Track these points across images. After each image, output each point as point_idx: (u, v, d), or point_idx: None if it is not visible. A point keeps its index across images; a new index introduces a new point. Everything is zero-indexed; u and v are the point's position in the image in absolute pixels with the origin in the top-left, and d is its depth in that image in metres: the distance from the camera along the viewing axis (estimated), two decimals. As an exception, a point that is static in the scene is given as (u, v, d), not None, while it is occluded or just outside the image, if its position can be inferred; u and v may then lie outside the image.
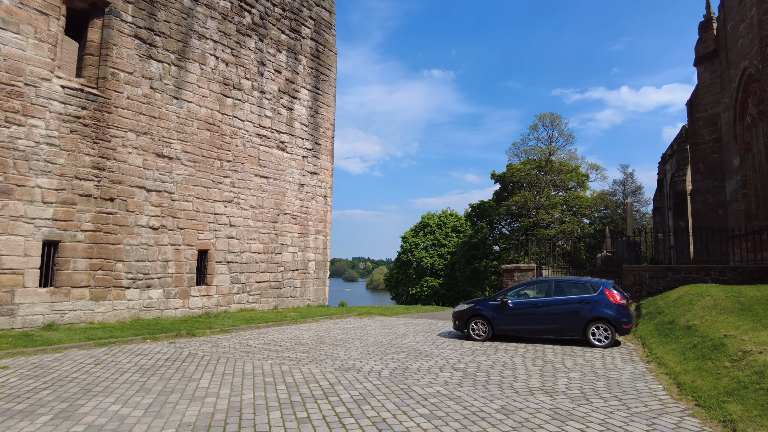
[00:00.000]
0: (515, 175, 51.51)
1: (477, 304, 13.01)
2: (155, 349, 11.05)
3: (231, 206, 18.23)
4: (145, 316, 15.36)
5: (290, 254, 20.76)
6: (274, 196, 20.04)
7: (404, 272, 65.58)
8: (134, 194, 15.15)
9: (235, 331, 14.47)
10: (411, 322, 17.22)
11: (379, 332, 14.24)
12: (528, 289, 12.95)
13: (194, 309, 16.81)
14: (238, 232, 18.44)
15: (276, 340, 12.61)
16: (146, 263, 15.39)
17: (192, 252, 16.76)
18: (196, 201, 17.00)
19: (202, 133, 17.31)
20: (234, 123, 18.49)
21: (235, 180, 18.42)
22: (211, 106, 17.63)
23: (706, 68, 22.68)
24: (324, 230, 22.69)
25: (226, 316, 17.02)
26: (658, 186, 34.71)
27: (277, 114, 20.34)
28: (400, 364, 9.45)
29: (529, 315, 12.30)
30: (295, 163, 21.17)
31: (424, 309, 23.01)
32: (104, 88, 14.43)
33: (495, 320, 12.58)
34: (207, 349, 11.13)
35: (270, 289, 19.78)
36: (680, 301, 12.88)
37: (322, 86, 22.82)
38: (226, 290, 17.95)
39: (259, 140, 19.50)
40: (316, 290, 22.18)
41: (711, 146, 22.32)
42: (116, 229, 14.63)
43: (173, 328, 13.98)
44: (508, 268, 17.56)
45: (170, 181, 16.20)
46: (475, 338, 12.71)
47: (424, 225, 67.55)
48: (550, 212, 49.49)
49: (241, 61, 18.85)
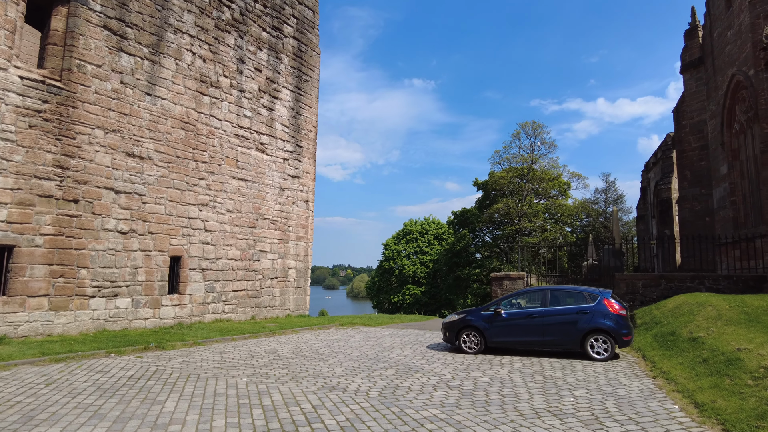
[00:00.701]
0: (498, 182, 51.32)
1: (468, 315, 12.28)
2: (119, 365, 10.02)
3: (206, 210, 17.23)
4: (112, 327, 14.22)
5: (269, 261, 19.78)
6: (252, 200, 19.08)
7: (386, 280, 64.73)
8: (101, 196, 14.06)
9: (208, 343, 13.46)
10: (397, 333, 16.41)
11: (363, 345, 13.40)
12: (522, 299, 12.29)
13: (165, 319, 15.71)
14: (213, 237, 17.42)
15: (253, 354, 11.66)
16: (113, 270, 14.28)
17: (164, 258, 15.69)
18: (169, 204, 15.96)
19: (177, 132, 16.31)
20: (211, 122, 17.52)
21: (211, 182, 17.43)
22: (186, 104, 16.65)
23: (692, 75, 22.59)
24: (305, 236, 21.77)
25: (200, 327, 15.96)
26: (642, 194, 34.72)
27: (257, 114, 19.44)
28: (389, 382, 8.64)
29: (523, 326, 11.62)
30: (276, 166, 20.26)
31: (408, 318, 22.22)
32: (69, 81, 13.37)
33: (488, 332, 11.86)
34: (176, 365, 10.14)
35: (247, 298, 18.76)
36: (678, 311, 12.38)
37: (305, 87, 22.00)
38: (200, 299, 16.88)
39: (238, 141, 18.55)
40: (297, 299, 21.20)
41: (698, 153, 22.17)
42: (80, 233, 13.51)
43: (141, 340, 12.92)
44: (497, 277, 16.92)
45: (141, 182, 15.15)
46: (467, 351, 11.97)
47: (407, 232, 66.91)
48: (533, 220, 49.34)
49: (220, 58, 17.93)
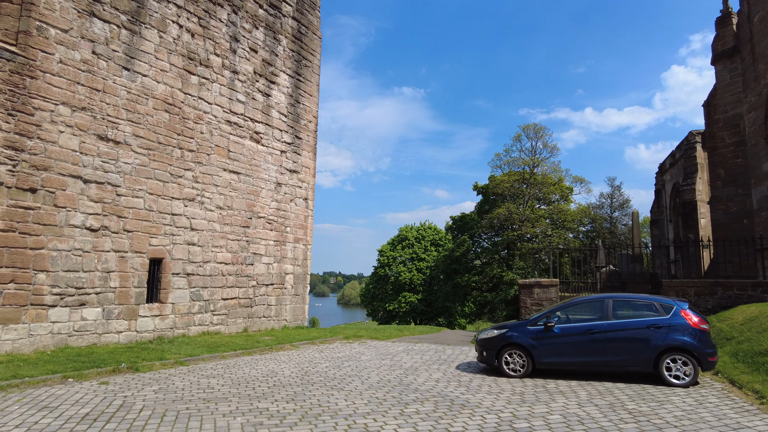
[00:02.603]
0: (499, 186, 49.46)
1: (510, 330, 10.17)
2: (74, 396, 7.75)
3: (193, 206, 14.97)
4: (76, 342, 11.88)
5: (264, 266, 17.52)
6: (245, 196, 16.85)
7: (381, 287, 62.47)
8: (66, 185, 11.77)
9: (193, 362, 11.19)
10: (412, 348, 14.25)
11: (379, 364, 11.22)
12: (574, 311, 10.21)
13: (143, 332, 13.39)
14: (200, 237, 15.15)
15: (247, 378, 9.44)
16: (80, 275, 11.97)
17: (142, 261, 13.40)
18: (149, 197, 13.69)
19: (160, 114, 14.08)
20: (199, 106, 15.32)
21: (198, 174, 15.18)
22: (171, 83, 14.44)
23: (725, 66, 20.86)
24: (304, 238, 19.55)
25: (184, 341, 13.66)
26: (656, 197, 33.02)
27: (252, 99, 17.26)
28: (434, 425, 6.48)
29: (580, 344, 9.54)
30: (272, 159, 18.06)
31: (418, 330, 20.06)
32: (27, 46, 11.12)
33: (536, 350, 9.76)
34: (150, 395, 7.90)
35: (239, 307, 16.47)
36: (757, 325, 10.38)
37: (304, 73, 19.89)
38: (184, 309, 14.58)
39: (230, 128, 16.34)
40: (294, 309, 18.94)
41: (732, 150, 20.40)
42: (38, 229, 11.21)
43: (111, 359, 10.62)
44: (527, 284, 14.90)
45: (116, 171, 12.88)
46: (510, 374, 9.85)
47: (402, 238, 64.84)
48: (536, 225, 47.49)
49: (211, 34, 15.76)
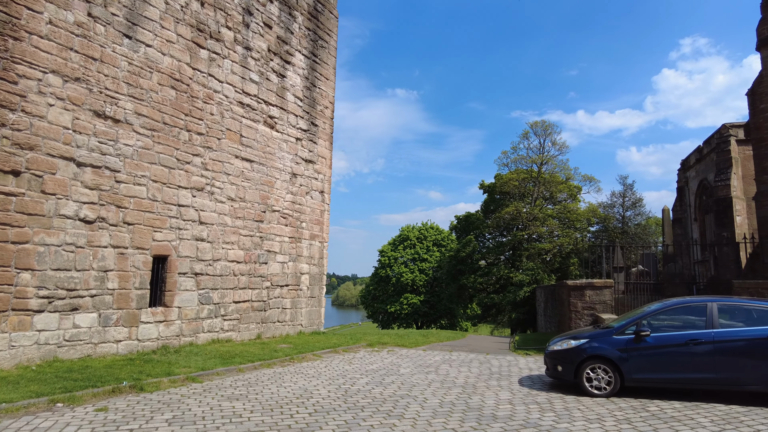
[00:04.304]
0: (508, 184, 47.91)
1: (593, 340, 8.51)
2: (64, 429, 5.99)
3: (202, 196, 13.20)
4: (67, 354, 10.08)
5: (278, 265, 15.76)
6: (259, 187, 15.09)
7: (382, 288, 60.79)
8: (56, 168, 9.98)
9: (207, 377, 9.44)
10: (449, 358, 12.57)
11: (427, 380, 9.53)
12: (668, 317, 8.57)
13: (146, 341, 11.60)
14: (210, 232, 13.39)
15: (279, 401, 7.71)
16: (72, 274, 10.17)
17: (144, 259, 11.62)
18: (153, 186, 11.92)
19: (165, 91, 12.30)
20: (209, 83, 13.55)
21: (208, 161, 13.42)
22: (178, 56, 12.68)
23: (773, 52, 19.41)
24: (321, 235, 17.80)
25: (192, 350, 11.88)
26: (678, 195, 31.58)
27: (266, 80, 15.51)
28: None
29: (682, 357, 7.91)
30: (287, 147, 16.31)
31: (444, 336, 18.38)
32: (9, 1, 9.32)
33: (625, 365, 8.12)
34: (163, 429, 6.15)
35: (252, 311, 14.70)
36: None
37: (321, 54, 18.16)
38: (192, 313, 12.80)
39: (242, 111, 14.59)
40: (310, 312, 17.18)
41: (782, 142, 18.94)
42: (22, 219, 9.41)
43: (109, 375, 8.85)
44: (578, 285, 13.27)
45: (115, 153, 11.10)
46: (594, 392, 8.19)
47: (404, 238, 63.26)
48: (546, 224, 45.99)
49: (222, 4, 14.00)
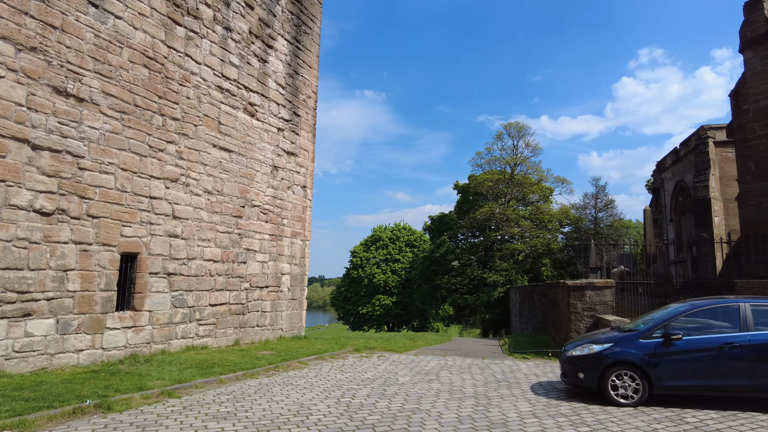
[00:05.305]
0: (482, 185, 47.79)
1: (617, 345, 7.83)
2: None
3: (176, 188, 11.94)
4: (18, 368, 8.70)
5: (258, 264, 14.58)
6: (238, 179, 13.90)
7: (354, 289, 59.79)
8: (6, 150, 8.60)
9: (185, 392, 8.28)
10: (445, 363, 11.77)
11: (431, 390, 8.66)
12: (697, 319, 7.98)
13: (112, 350, 10.27)
14: (185, 228, 12.13)
15: (274, 420, 6.67)
16: (25, 274, 8.81)
17: (111, 257, 10.30)
18: (122, 175, 10.60)
19: (137, 69, 11.00)
20: (186, 64, 12.30)
21: (183, 149, 12.16)
22: (152, 31, 11.39)
23: (756, 53, 19.51)
24: (302, 233, 16.70)
25: (165, 359, 10.62)
26: (654, 196, 31.92)
27: (247, 64, 14.33)
28: None
29: (716, 362, 7.33)
30: (268, 137, 15.16)
31: (431, 339, 17.59)
32: (-47, -49, 7.95)
33: (654, 371, 7.47)
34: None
35: (229, 315, 13.49)
36: None
37: (304, 41, 17.08)
38: (164, 318, 11.51)
39: (221, 96, 13.37)
40: (291, 315, 16.05)
41: (765, 142, 19.01)
42: (-34, 209, 8.02)
43: (69, 392, 7.58)
44: (578, 285, 12.70)
45: (78, 136, 9.76)
46: (621, 401, 7.51)
47: (376, 239, 62.47)
48: (520, 225, 46.06)
49: (199, -22, 12.78)
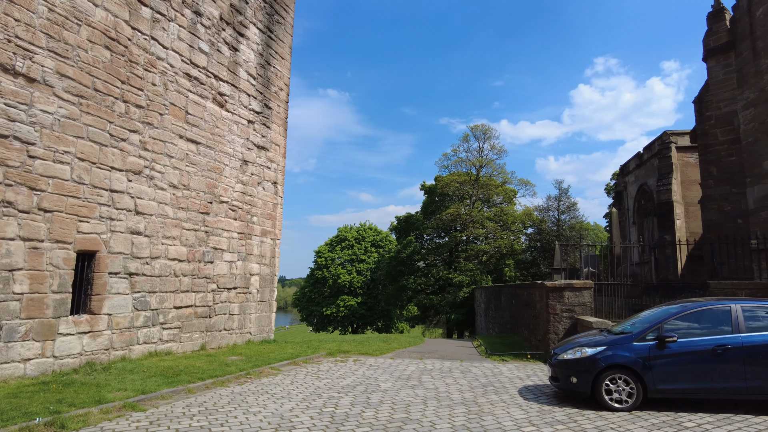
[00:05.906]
0: (449, 186, 47.99)
1: (611, 348, 7.63)
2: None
3: (139, 181, 11.03)
4: (-43, 378, 7.70)
5: (226, 264, 13.78)
6: (206, 173, 13.07)
7: (318, 290, 58.90)
8: (-55, 134, 7.60)
9: (151, 404, 7.53)
10: (425, 367, 11.39)
11: (417, 396, 8.24)
12: (689, 321, 7.87)
13: (65, 358, 9.32)
14: (148, 224, 11.24)
15: (260, 435, 6.07)
16: (-34, 273, 7.81)
17: (66, 255, 9.35)
18: (79, 165, 9.66)
19: (97, 50, 10.07)
20: (152, 48, 11.41)
21: (147, 139, 11.27)
22: (115, 10, 10.47)
23: (718, 62, 20.21)
24: (273, 231, 15.96)
25: (126, 367, 9.75)
26: (617, 199, 32.73)
27: (217, 51, 13.51)
28: None
29: (709, 364, 7.23)
30: (238, 129, 14.37)
31: (405, 342, 17.20)
32: None
33: (649, 374, 7.31)
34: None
35: (195, 318, 12.63)
36: None
37: (277, 31, 16.35)
38: (125, 322, 10.60)
39: (189, 84, 12.52)
40: (260, 318, 15.29)
41: (726, 148, 19.72)
42: None
43: (15, 409, 6.71)
44: (557, 287, 12.59)
45: (28, 121, 8.78)
46: (615, 406, 7.31)
47: (342, 239, 61.78)
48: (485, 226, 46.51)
49: (167, -44, 11.90)
